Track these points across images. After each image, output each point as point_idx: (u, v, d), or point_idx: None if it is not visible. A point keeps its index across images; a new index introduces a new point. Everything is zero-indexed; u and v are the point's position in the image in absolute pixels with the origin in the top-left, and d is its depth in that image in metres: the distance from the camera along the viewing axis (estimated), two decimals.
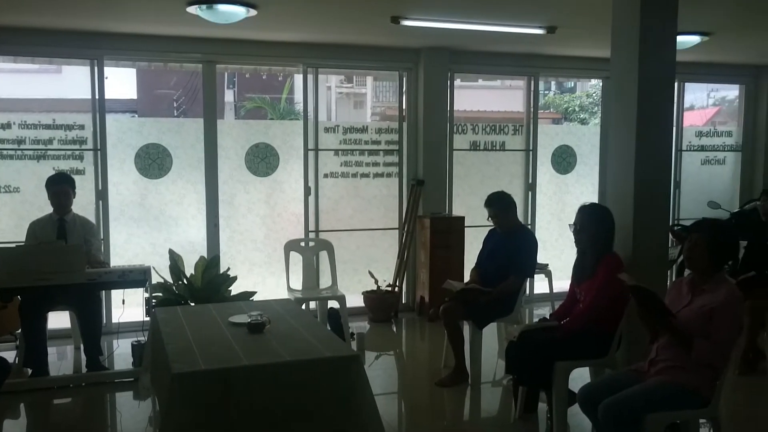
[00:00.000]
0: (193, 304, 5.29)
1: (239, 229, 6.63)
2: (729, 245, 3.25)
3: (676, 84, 5.27)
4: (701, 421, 3.47)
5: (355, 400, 3.10)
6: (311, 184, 6.74)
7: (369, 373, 3.29)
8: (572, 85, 18.01)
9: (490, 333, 5.55)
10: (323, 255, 6.35)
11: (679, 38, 4.61)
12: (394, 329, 6.65)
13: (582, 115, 16.51)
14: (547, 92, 17.91)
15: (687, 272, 3.36)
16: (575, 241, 4.03)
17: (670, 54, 4.20)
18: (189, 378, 2.90)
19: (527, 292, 7.00)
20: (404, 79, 7.06)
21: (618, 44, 4.29)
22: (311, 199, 6.76)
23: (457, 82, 7.44)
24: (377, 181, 7.04)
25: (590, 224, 3.93)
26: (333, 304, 5.95)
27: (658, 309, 3.10)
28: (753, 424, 4.29)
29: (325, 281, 6.49)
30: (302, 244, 6.33)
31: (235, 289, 5.72)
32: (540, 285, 7.30)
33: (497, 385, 4.97)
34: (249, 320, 3.57)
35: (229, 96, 17.19)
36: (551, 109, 17.20)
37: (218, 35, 6.01)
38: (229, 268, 5.90)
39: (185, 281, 5.57)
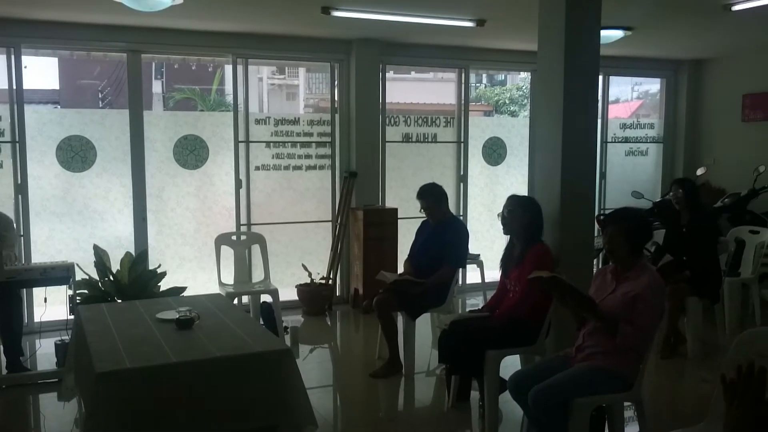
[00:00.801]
0: (120, 301, 5.14)
1: (168, 223, 6.47)
2: (642, 228, 3.38)
3: (600, 77, 5.42)
4: (626, 403, 3.59)
5: (288, 395, 3.07)
6: (242, 176, 6.64)
7: (303, 367, 3.27)
8: (503, 77, 18.29)
9: (424, 323, 5.60)
10: (255, 248, 6.27)
11: (603, 32, 4.71)
12: (329, 322, 6.63)
13: (512, 108, 16.80)
14: (478, 85, 18.13)
15: None
16: (503, 229, 4.12)
17: (595, 47, 4.30)
18: (114, 377, 2.81)
19: (459, 282, 7.10)
20: (336, 70, 7.02)
21: (544, 38, 4.37)
22: (243, 191, 6.65)
23: (390, 74, 7.44)
24: (310, 174, 6.98)
25: (516, 209, 4.05)
26: (266, 298, 5.89)
27: (576, 298, 3.19)
28: (674, 406, 4.46)
29: (257, 275, 6.41)
30: (234, 237, 6.23)
31: (164, 285, 5.56)
32: (472, 275, 7.41)
33: (431, 375, 5.02)
34: (177, 316, 3.49)
35: (157, 87, 16.72)
36: (482, 102, 17.43)
37: (144, 23, 5.84)
38: (160, 265, 5.75)
39: (111, 278, 5.41)
